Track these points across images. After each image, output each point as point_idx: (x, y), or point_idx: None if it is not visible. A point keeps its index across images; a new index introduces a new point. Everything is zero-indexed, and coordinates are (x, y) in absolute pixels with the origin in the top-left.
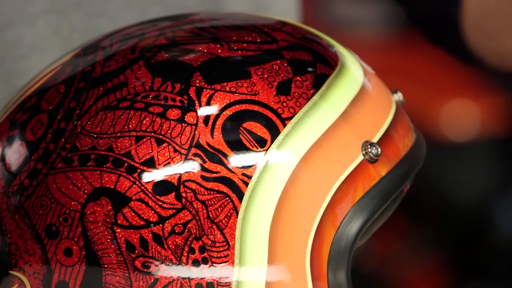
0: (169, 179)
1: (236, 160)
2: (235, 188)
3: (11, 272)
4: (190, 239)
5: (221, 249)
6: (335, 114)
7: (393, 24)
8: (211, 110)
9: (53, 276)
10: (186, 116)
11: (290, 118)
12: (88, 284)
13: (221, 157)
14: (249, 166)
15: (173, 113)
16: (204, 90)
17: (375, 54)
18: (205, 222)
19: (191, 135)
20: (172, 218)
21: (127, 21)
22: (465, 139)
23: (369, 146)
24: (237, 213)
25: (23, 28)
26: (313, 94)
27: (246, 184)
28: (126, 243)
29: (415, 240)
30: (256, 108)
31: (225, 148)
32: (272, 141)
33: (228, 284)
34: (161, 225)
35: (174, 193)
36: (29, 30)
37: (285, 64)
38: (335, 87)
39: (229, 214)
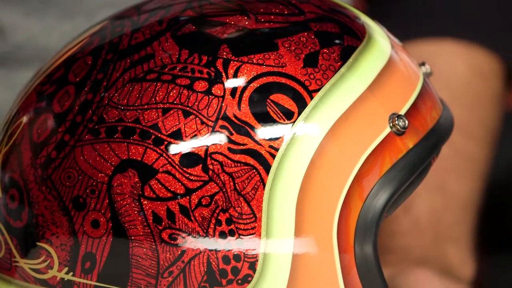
0: (196, 151)
1: (263, 132)
2: (262, 160)
3: (38, 243)
4: (217, 211)
5: (248, 221)
6: (363, 86)
7: None
8: (238, 82)
9: (80, 248)
10: (213, 88)
11: (317, 91)
12: (115, 256)
13: (248, 129)
14: (276, 138)
15: (200, 85)
16: (231, 62)
17: None
18: (232, 194)
19: (218, 107)
20: (199, 190)
21: None
22: None
23: (396, 119)
24: (264, 185)
25: (81, 20)
26: (340, 66)
27: (273, 156)
28: (153, 215)
29: None
30: (283, 80)
31: (252, 120)
32: (299, 113)
33: (255, 256)
34: (188, 197)
35: (201, 165)
36: (87, 23)
37: (312, 36)
38: (363, 59)
39: (256, 186)
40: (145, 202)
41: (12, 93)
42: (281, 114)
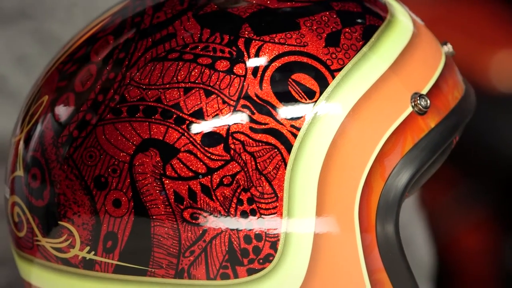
0: (218, 131)
1: (285, 111)
2: (283, 139)
3: (60, 222)
4: (238, 190)
5: (270, 200)
6: (384, 65)
7: None
8: (260, 61)
9: (102, 227)
10: (235, 68)
11: (339, 70)
12: (136, 235)
13: (270, 108)
14: (298, 118)
15: (222, 65)
16: (253, 41)
17: (422, 4)
18: (254, 174)
19: (240, 86)
20: (221, 170)
21: None
22: None
23: (418, 98)
24: (285, 164)
25: None
26: (362, 46)
27: (295, 135)
28: (174, 194)
29: (463, 192)
30: (305, 59)
31: (273, 100)
32: (321, 93)
33: (276, 235)
34: (209, 176)
35: (222, 145)
36: None
37: (334, 16)
38: (385, 38)
39: (277, 165)
40: (167, 181)
41: (42, 45)
42: (302, 94)
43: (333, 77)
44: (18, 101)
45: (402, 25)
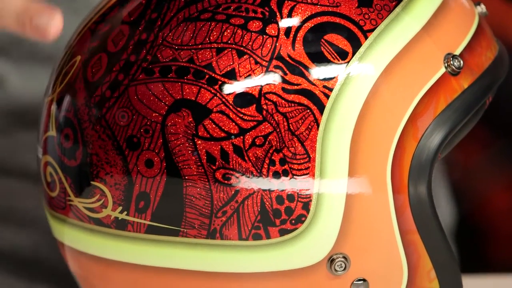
0: (250, 91)
1: (317, 72)
2: (316, 100)
3: (92, 182)
4: (270, 151)
5: (302, 161)
6: (418, 26)
7: None
8: (293, 22)
9: (134, 187)
10: (268, 28)
11: (371, 30)
12: (168, 196)
13: (302, 69)
14: (330, 79)
15: (255, 25)
16: (286, 1)
17: None
18: (286, 134)
19: (272, 47)
20: (253, 130)
21: None
22: None
23: (451, 59)
24: (318, 125)
25: None
26: (395, 6)
27: (327, 96)
28: (207, 154)
29: (497, 152)
30: (337, 20)
31: (306, 60)
32: (353, 53)
33: (308, 196)
34: (241, 137)
35: (255, 105)
36: None
37: None
38: None
39: (310, 126)
40: (199, 142)
41: (76, 16)
42: (335, 54)
43: (366, 37)
44: (11, 55)
45: None
